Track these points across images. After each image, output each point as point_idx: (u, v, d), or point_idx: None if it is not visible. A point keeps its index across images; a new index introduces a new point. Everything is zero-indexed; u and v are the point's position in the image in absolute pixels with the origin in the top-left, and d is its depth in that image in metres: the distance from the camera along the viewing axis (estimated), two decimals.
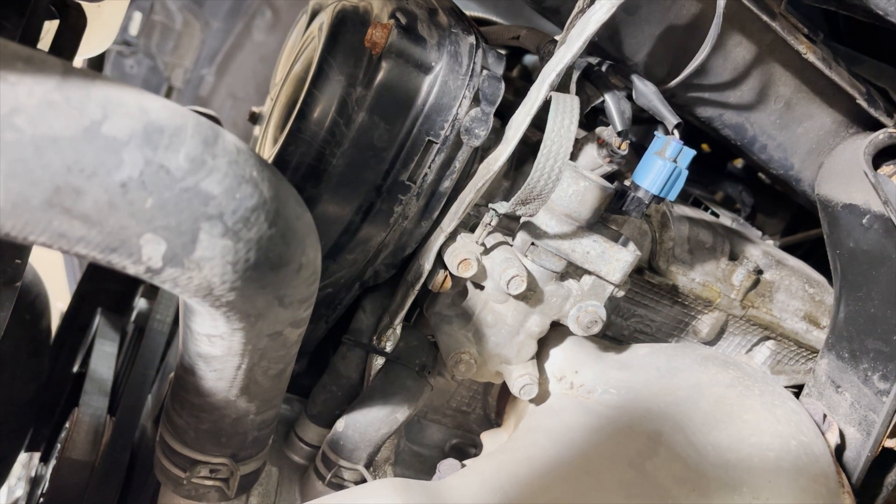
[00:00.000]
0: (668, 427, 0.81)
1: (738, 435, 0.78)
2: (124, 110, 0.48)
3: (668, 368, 0.88)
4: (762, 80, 0.92)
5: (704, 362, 0.88)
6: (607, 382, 0.89)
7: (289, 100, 0.92)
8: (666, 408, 0.83)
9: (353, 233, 0.82)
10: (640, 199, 0.81)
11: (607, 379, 0.89)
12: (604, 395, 0.87)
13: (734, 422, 0.79)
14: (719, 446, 0.77)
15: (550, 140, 0.71)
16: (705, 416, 0.81)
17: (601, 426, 0.83)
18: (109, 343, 1.38)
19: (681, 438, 0.79)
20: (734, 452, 0.77)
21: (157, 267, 0.51)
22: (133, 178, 0.47)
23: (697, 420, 0.80)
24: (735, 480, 0.75)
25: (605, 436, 0.83)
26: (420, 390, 0.88)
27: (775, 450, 0.77)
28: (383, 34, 0.74)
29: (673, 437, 0.79)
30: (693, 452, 0.77)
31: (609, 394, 0.87)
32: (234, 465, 0.81)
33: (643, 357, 0.92)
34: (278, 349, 0.68)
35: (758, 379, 0.86)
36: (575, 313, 0.86)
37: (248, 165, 0.54)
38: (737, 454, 0.76)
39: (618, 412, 0.84)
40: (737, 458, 0.76)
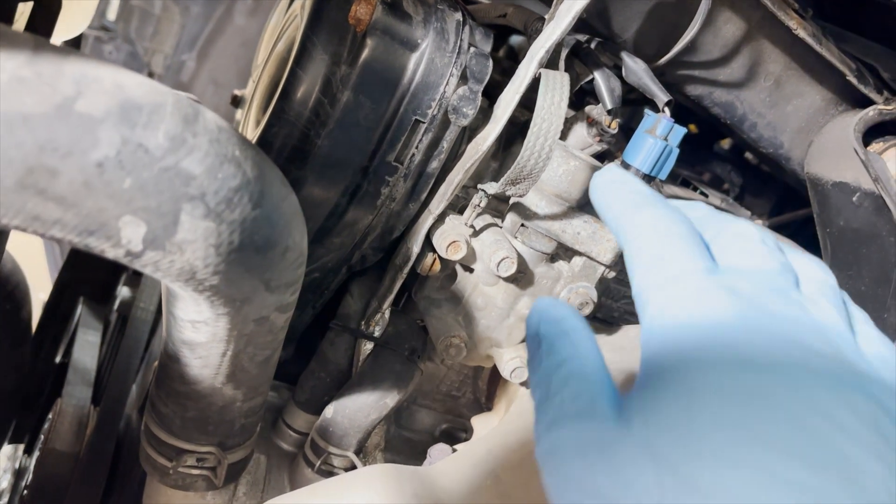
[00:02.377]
0: None
1: None
2: (99, 87, 0.46)
3: None
4: (752, 58, 0.91)
5: None
6: None
7: (271, 80, 0.90)
8: None
9: (340, 216, 0.80)
10: None
11: None
12: None
13: None
14: None
15: (540, 118, 0.70)
16: None
17: None
18: (92, 332, 1.36)
19: None
20: None
21: (138, 250, 0.50)
22: (110, 158, 0.45)
23: None
24: None
25: None
26: (410, 375, 0.86)
27: None
28: (368, 10, 0.72)
29: None
30: None
31: None
32: (221, 454, 0.79)
33: (634, 338, 0.91)
34: (265, 335, 0.67)
35: None
36: (566, 295, 0.85)
37: (231, 144, 0.52)
38: None
39: None
40: None
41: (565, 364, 0.40)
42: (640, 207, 0.46)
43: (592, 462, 0.35)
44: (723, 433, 0.32)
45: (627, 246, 0.46)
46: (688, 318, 0.38)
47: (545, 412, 0.40)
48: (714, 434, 0.32)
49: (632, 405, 0.36)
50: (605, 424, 0.36)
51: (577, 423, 0.37)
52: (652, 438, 0.34)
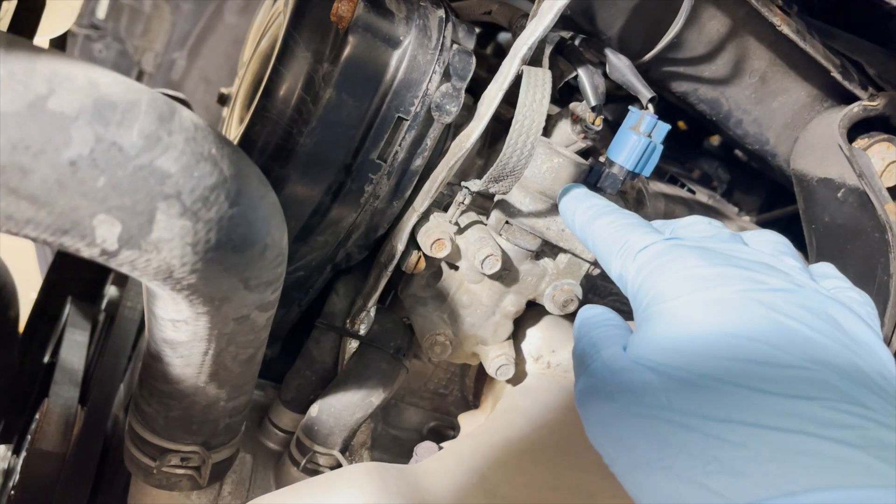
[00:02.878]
0: None
1: None
2: (72, 85, 0.45)
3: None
4: (737, 54, 0.91)
5: None
6: None
7: (255, 78, 0.89)
8: None
9: (324, 214, 0.80)
10: (615, 176, 0.80)
11: None
12: None
13: None
14: None
15: (522, 115, 0.69)
16: None
17: None
18: (80, 332, 1.35)
19: None
20: None
21: (113, 249, 0.49)
22: (83, 156, 0.45)
23: None
24: None
25: None
26: (395, 373, 0.86)
27: None
28: (349, 8, 0.72)
29: None
30: None
31: None
32: (205, 453, 0.79)
33: None
34: (246, 333, 0.66)
35: None
36: (550, 292, 0.85)
37: (207, 142, 0.52)
38: None
39: None
40: None
41: (594, 339, 0.53)
42: (595, 218, 0.61)
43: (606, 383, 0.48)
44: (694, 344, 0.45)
45: (595, 248, 0.60)
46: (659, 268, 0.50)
47: (578, 372, 0.52)
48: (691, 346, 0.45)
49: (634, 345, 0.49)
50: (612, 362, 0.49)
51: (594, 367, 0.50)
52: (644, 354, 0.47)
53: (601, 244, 0.59)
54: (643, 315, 0.50)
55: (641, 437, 0.43)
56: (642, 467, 0.43)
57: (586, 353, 0.53)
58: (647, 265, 0.52)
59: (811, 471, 0.37)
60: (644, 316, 0.50)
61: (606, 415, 0.46)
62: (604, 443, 0.47)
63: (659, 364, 0.45)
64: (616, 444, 0.45)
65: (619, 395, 0.46)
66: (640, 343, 0.48)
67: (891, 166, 0.89)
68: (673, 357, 0.45)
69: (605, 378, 0.48)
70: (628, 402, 0.45)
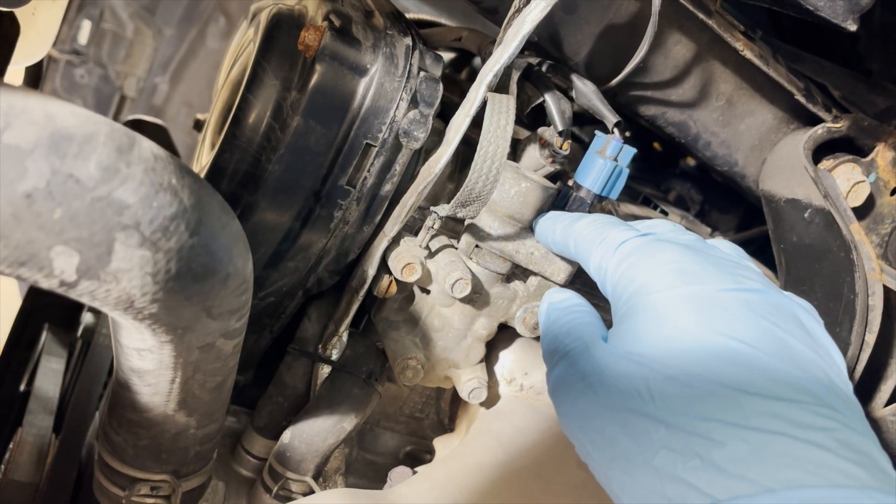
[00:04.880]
0: None
1: None
2: (28, 118, 0.46)
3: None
4: (703, 78, 0.93)
5: None
6: None
7: (225, 105, 0.90)
8: None
9: (294, 240, 0.80)
10: (583, 199, 0.81)
11: None
12: None
13: None
14: None
15: (487, 141, 0.70)
16: None
17: (550, 428, 0.83)
18: (56, 359, 1.34)
19: None
20: None
21: (71, 280, 0.49)
22: (39, 189, 0.45)
23: None
24: None
25: (555, 437, 0.82)
26: (367, 398, 0.86)
27: None
28: (316, 37, 0.73)
29: None
30: None
31: None
32: (175, 482, 0.78)
33: None
34: (213, 361, 0.66)
35: None
36: (521, 315, 0.85)
37: (167, 173, 0.52)
38: None
39: None
40: None
41: (567, 326, 0.54)
42: (576, 220, 0.65)
43: (586, 375, 0.48)
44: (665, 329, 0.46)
45: (576, 246, 0.62)
46: (640, 261, 0.51)
47: (551, 359, 0.53)
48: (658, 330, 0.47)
49: (617, 337, 0.50)
50: (594, 348, 0.50)
51: (572, 356, 0.50)
52: (625, 348, 0.48)
53: (581, 241, 0.61)
54: (624, 308, 0.50)
55: (623, 432, 0.44)
56: (621, 461, 0.43)
57: (559, 340, 0.53)
58: (627, 258, 0.52)
59: (789, 470, 0.38)
60: (626, 309, 0.50)
61: (585, 407, 0.47)
62: (580, 435, 0.47)
63: (644, 359, 0.45)
64: (594, 437, 0.45)
65: (600, 388, 0.46)
66: (623, 336, 0.48)
67: (856, 187, 0.91)
68: (658, 353, 0.45)
69: (586, 369, 0.48)
70: (610, 396, 0.45)
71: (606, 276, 0.55)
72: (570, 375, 0.49)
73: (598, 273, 0.57)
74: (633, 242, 0.54)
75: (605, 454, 0.45)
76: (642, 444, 0.42)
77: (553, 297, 0.60)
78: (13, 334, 1.50)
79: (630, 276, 0.51)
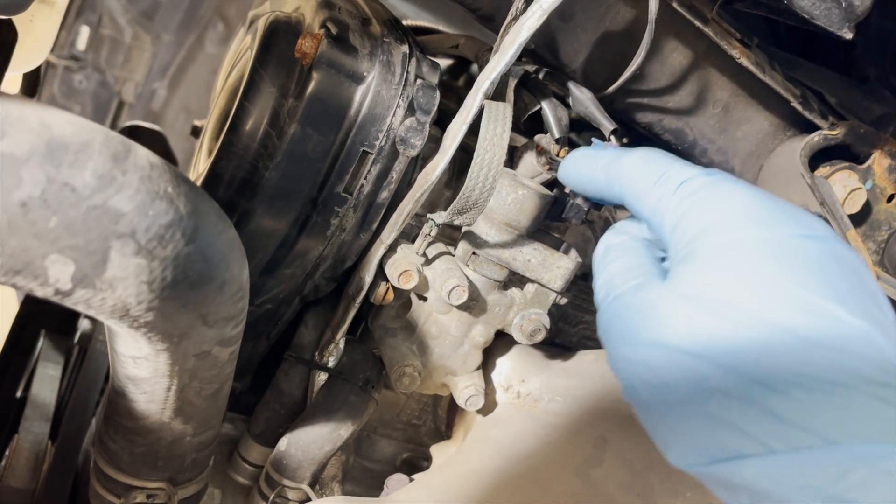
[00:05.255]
0: (613, 434, 0.80)
1: None
2: (24, 126, 0.46)
3: (612, 374, 0.88)
4: (700, 85, 0.93)
5: None
6: (553, 390, 0.88)
7: (222, 112, 0.90)
8: (611, 415, 0.82)
9: (290, 246, 0.80)
10: (579, 206, 0.81)
11: (553, 387, 0.88)
12: (550, 403, 0.87)
13: None
14: None
15: (483, 149, 0.70)
16: None
17: (547, 435, 0.83)
18: (52, 366, 1.34)
19: (625, 445, 0.79)
20: None
21: (67, 289, 0.49)
22: (34, 197, 0.46)
23: (641, 426, 0.80)
24: (679, 486, 0.75)
25: (551, 445, 0.82)
26: (364, 405, 0.86)
27: None
28: (313, 44, 0.73)
29: (617, 444, 0.79)
30: (637, 459, 0.77)
31: (555, 402, 0.87)
32: (171, 490, 0.78)
33: (589, 364, 0.92)
34: (209, 369, 0.66)
35: None
36: (518, 322, 0.85)
37: (163, 181, 0.52)
38: None
39: (564, 420, 0.84)
40: None
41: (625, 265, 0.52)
42: (622, 155, 0.57)
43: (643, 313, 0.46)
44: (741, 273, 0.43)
45: (623, 186, 0.56)
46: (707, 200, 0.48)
47: (605, 298, 0.51)
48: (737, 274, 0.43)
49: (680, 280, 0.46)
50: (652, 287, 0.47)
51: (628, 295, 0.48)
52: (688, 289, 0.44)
53: (633, 179, 0.54)
54: (686, 250, 0.47)
55: (677, 374, 0.42)
56: (673, 405, 0.42)
57: (615, 279, 0.50)
58: (691, 196, 0.48)
59: (855, 424, 0.37)
60: (688, 250, 0.47)
61: (638, 347, 0.45)
62: (630, 375, 0.45)
63: (706, 301, 0.43)
64: (647, 377, 0.44)
65: (656, 328, 0.44)
66: (684, 277, 0.45)
67: (852, 194, 0.91)
68: (721, 296, 0.43)
69: (642, 308, 0.46)
70: (666, 336, 0.43)
71: (665, 218, 0.50)
72: (625, 314, 0.47)
73: (654, 215, 0.51)
74: (698, 180, 0.49)
75: (656, 395, 0.43)
76: (697, 387, 0.41)
77: (610, 239, 0.56)
78: (10, 340, 1.50)
79: (695, 216, 0.47)
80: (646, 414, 0.45)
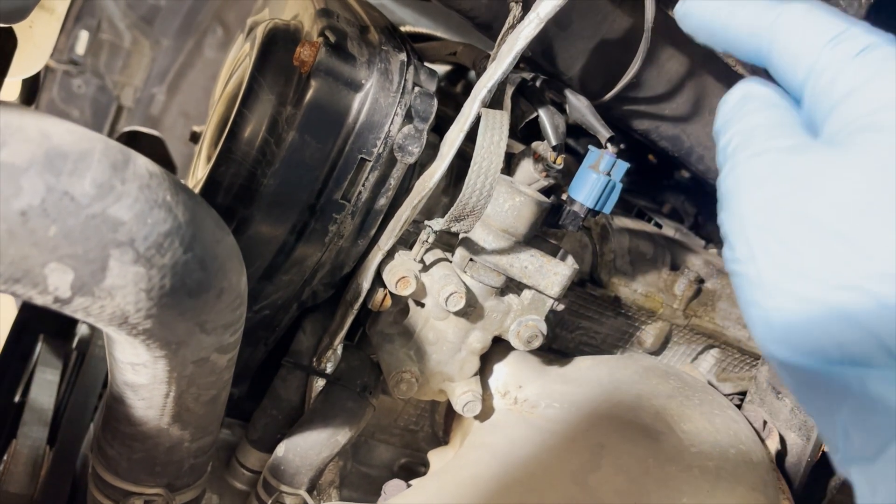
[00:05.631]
0: (610, 440, 0.81)
1: (677, 446, 0.78)
2: (24, 136, 0.46)
3: (610, 380, 0.88)
4: (696, 93, 0.93)
5: (646, 374, 0.89)
6: (550, 396, 0.88)
7: (221, 119, 0.90)
8: (608, 421, 0.83)
9: (288, 253, 0.81)
10: (576, 213, 0.81)
11: (550, 393, 0.89)
12: (547, 409, 0.87)
13: (674, 433, 0.80)
14: (659, 458, 0.77)
15: (480, 157, 0.71)
16: (646, 428, 0.81)
17: (544, 441, 0.83)
18: (51, 371, 1.34)
19: (622, 451, 0.79)
20: (674, 464, 0.77)
21: (66, 297, 0.50)
22: (34, 206, 0.46)
23: (638, 432, 0.80)
24: (675, 492, 0.75)
25: (549, 451, 0.82)
26: (361, 412, 0.86)
27: (715, 459, 0.78)
28: (311, 52, 0.73)
29: (614, 450, 0.79)
30: (634, 465, 0.77)
31: (552, 408, 0.87)
32: (169, 495, 0.78)
33: (586, 370, 0.92)
34: (207, 375, 0.67)
35: (698, 389, 0.87)
36: (515, 328, 0.85)
37: (162, 189, 0.52)
38: (677, 466, 0.77)
39: (561, 426, 0.84)
40: (676, 470, 0.76)
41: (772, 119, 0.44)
42: (780, 3, 0.46)
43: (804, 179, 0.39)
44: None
45: (784, 37, 0.45)
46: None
47: (740, 137, 0.43)
48: None
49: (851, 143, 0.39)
50: (816, 152, 0.40)
51: (786, 149, 0.41)
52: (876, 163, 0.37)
53: (795, 33, 0.45)
54: (860, 123, 0.40)
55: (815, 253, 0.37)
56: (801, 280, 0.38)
57: (758, 133, 0.43)
58: (877, 63, 0.41)
59: None
60: (862, 123, 0.40)
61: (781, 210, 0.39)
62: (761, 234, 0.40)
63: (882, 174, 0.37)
64: (773, 245, 0.39)
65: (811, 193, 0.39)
66: (852, 149, 0.39)
67: None
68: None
69: (795, 171, 0.40)
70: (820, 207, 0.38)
71: (837, 81, 0.42)
72: (771, 175, 0.41)
73: (818, 76, 0.43)
74: (889, 49, 0.42)
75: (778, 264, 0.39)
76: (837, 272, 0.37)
77: (752, 87, 0.47)
78: (8, 345, 1.50)
79: (880, 88, 0.40)
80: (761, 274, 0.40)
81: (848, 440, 0.38)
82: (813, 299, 0.38)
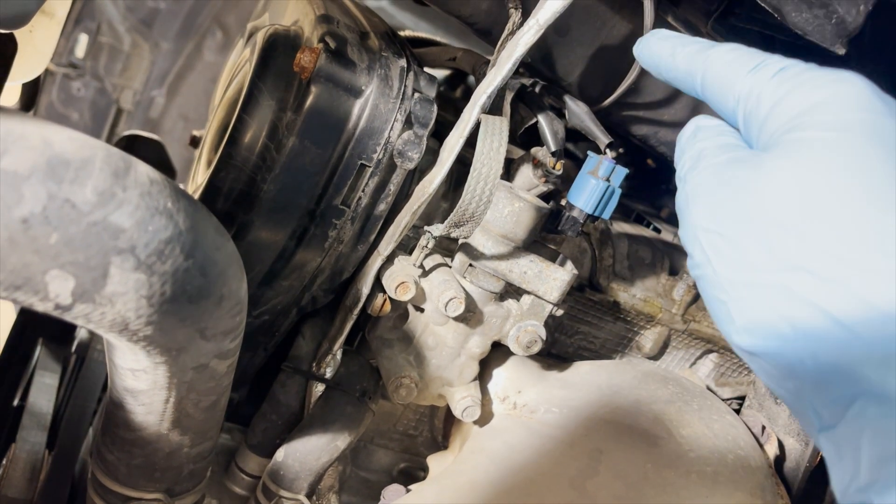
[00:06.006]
0: (609, 445, 0.81)
1: (676, 451, 0.78)
2: (25, 143, 0.46)
3: (608, 385, 0.88)
4: (694, 98, 0.93)
5: (644, 379, 0.89)
6: (549, 401, 0.88)
7: (221, 124, 0.91)
8: (606, 426, 0.83)
9: (288, 258, 0.81)
10: (575, 219, 0.82)
11: (549, 398, 0.89)
12: (546, 414, 0.87)
13: (673, 438, 0.80)
14: (658, 463, 0.77)
15: (480, 163, 0.71)
16: (644, 433, 0.81)
17: (543, 446, 0.83)
18: (50, 374, 1.34)
19: (621, 456, 0.79)
20: (672, 469, 0.77)
21: (67, 304, 0.50)
22: (35, 214, 0.46)
23: (637, 437, 0.81)
24: (673, 497, 0.75)
25: (547, 456, 0.83)
26: (361, 417, 0.87)
27: (713, 464, 0.78)
28: (312, 58, 0.73)
29: (613, 455, 0.79)
30: (633, 470, 0.77)
31: (551, 413, 0.87)
32: (168, 501, 0.79)
33: (585, 375, 0.92)
34: (207, 381, 0.67)
35: (696, 394, 0.87)
36: (515, 333, 0.85)
37: (163, 196, 0.53)
38: (675, 471, 0.77)
39: (559, 431, 0.84)
40: (675, 475, 0.76)
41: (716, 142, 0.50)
42: (710, 47, 0.55)
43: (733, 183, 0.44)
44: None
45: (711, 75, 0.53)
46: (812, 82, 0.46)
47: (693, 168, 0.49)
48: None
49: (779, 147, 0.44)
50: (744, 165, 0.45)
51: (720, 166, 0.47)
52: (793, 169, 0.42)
53: (722, 68, 0.52)
54: (790, 126, 0.45)
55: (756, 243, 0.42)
56: (748, 270, 0.42)
57: (705, 153, 0.49)
58: (794, 78, 0.46)
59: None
60: (792, 126, 0.45)
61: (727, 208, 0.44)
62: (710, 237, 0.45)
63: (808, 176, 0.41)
64: (721, 244, 0.44)
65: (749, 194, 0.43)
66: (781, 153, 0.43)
67: None
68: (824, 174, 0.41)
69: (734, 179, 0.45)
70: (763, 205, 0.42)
71: (761, 101, 0.48)
72: (713, 184, 0.46)
73: (745, 100, 0.49)
74: (800, 66, 0.47)
75: (732, 259, 0.43)
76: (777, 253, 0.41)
77: (703, 121, 0.55)
78: (7, 349, 1.50)
79: (800, 96, 0.45)
80: (714, 282, 0.45)
81: (819, 416, 0.41)
82: (761, 284, 0.41)
